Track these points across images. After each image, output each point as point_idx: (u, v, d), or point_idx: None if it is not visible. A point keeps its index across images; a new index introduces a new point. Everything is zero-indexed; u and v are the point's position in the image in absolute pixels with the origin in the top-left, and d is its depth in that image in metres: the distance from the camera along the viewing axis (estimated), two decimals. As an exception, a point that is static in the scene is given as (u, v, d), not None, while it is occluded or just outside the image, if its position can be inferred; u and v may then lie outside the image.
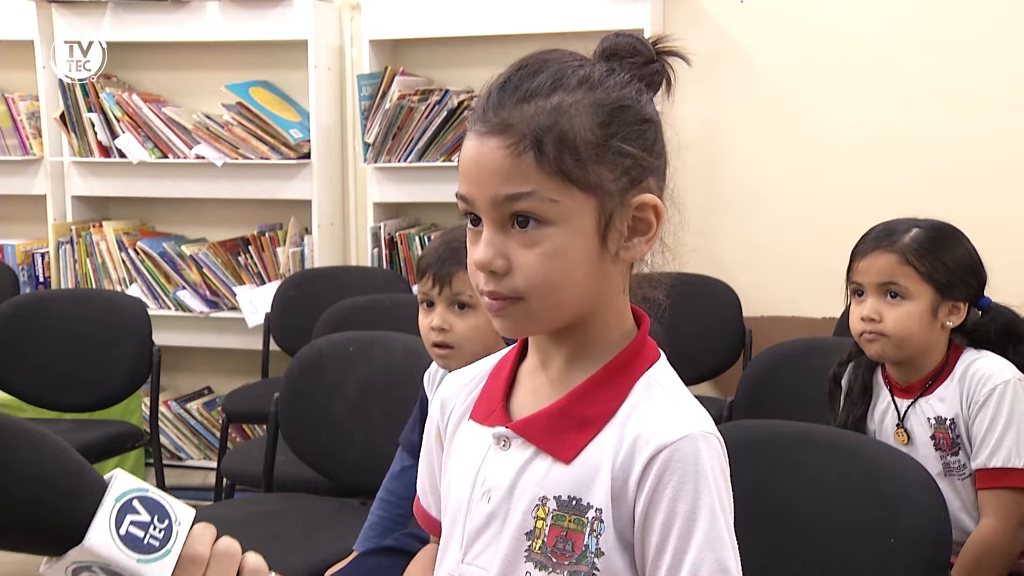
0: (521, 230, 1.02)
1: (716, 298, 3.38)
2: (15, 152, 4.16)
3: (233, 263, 4.01)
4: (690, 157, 3.69)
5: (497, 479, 1.09)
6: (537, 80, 1.03)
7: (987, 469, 1.89)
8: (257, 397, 3.28)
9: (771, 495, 1.69)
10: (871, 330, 1.95)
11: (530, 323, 1.06)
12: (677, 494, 1.01)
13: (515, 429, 1.09)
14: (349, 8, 4.03)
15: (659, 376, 1.09)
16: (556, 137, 1.00)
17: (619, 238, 1.05)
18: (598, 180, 1.02)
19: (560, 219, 1.01)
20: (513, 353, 1.16)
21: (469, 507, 1.10)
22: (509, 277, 1.02)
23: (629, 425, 1.05)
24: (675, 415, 1.06)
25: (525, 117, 1.01)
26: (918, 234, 1.95)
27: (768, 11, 3.63)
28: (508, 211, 1.02)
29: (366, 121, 3.77)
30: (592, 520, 1.04)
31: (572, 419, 1.07)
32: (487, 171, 1.02)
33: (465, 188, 1.05)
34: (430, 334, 1.90)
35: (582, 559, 1.04)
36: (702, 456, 1.03)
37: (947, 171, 3.47)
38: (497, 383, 1.15)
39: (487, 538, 1.09)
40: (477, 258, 1.04)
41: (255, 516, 2.47)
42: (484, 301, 1.06)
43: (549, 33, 3.53)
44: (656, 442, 1.03)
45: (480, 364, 1.21)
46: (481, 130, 1.03)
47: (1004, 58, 3.43)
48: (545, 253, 1.01)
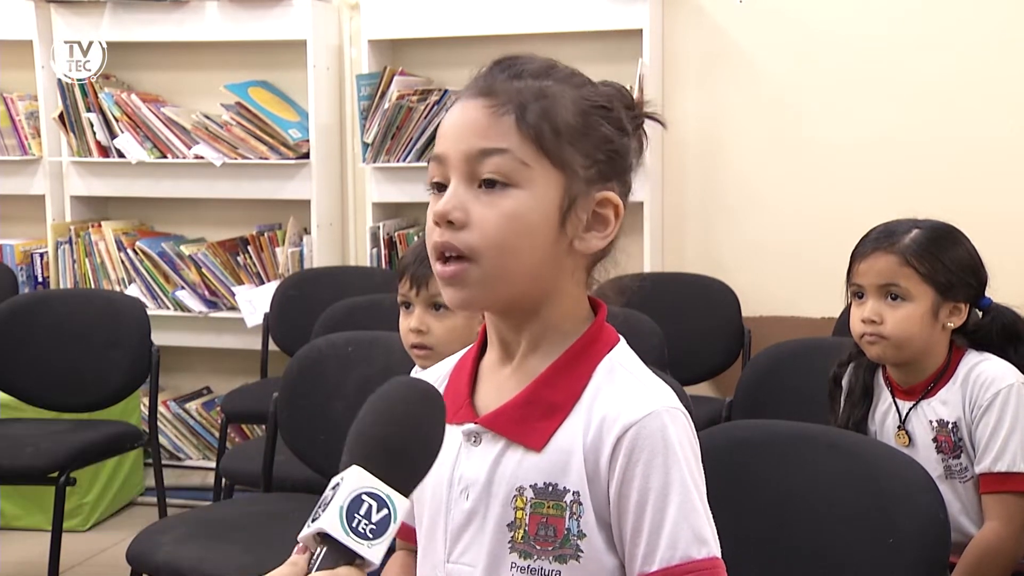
0: (487, 190, 1.04)
1: (715, 298, 3.38)
2: (14, 152, 4.16)
3: (232, 263, 4.00)
4: (689, 156, 3.71)
5: (473, 475, 1.10)
6: (531, 65, 1.08)
7: (991, 473, 1.89)
8: (256, 397, 3.27)
9: (770, 495, 1.69)
10: (872, 332, 1.94)
11: (481, 291, 1.06)
12: (648, 470, 1.04)
13: (484, 423, 1.10)
14: (348, 8, 4.03)
15: (620, 358, 1.11)
16: (540, 109, 1.05)
17: (577, 225, 1.07)
18: (570, 160, 1.06)
19: (527, 184, 1.04)
20: (473, 350, 1.18)
21: (448, 506, 1.11)
22: (465, 231, 1.04)
23: (595, 407, 1.07)
24: (639, 393, 1.08)
25: (513, 88, 1.06)
26: (918, 235, 1.95)
27: (767, 11, 3.63)
28: (479, 168, 1.04)
29: (365, 121, 3.77)
30: (571, 504, 1.06)
31: (538, 407, 1.08)
32: (466, 127, 1.06)
33: (440, 147, 1.07)
34: (408, 336, 1.93)
35: (565, 543, 1.06)
36: (668, 431, 1.05)
37: (947, 170, 3.47)
38: (460, 381, 1.16)
39: (470, 535, 1.10)
40: (438, 209, 1.05)
41: (254, 516, 2.47)
42: (435, 269, 1.07)
43: (549, 33, 3.53)
44: (623, 421, 1.05)
45: (442, 364, 1.23)
46: (466, 95, 1.07)
47: (1003, 58, 3.43)
48: (505, 213, 1.04)
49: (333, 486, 0.91)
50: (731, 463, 1.66)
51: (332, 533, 0.88)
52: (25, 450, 2.96)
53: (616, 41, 3.60)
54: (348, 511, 0.89)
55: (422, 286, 1.91)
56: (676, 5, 3.68)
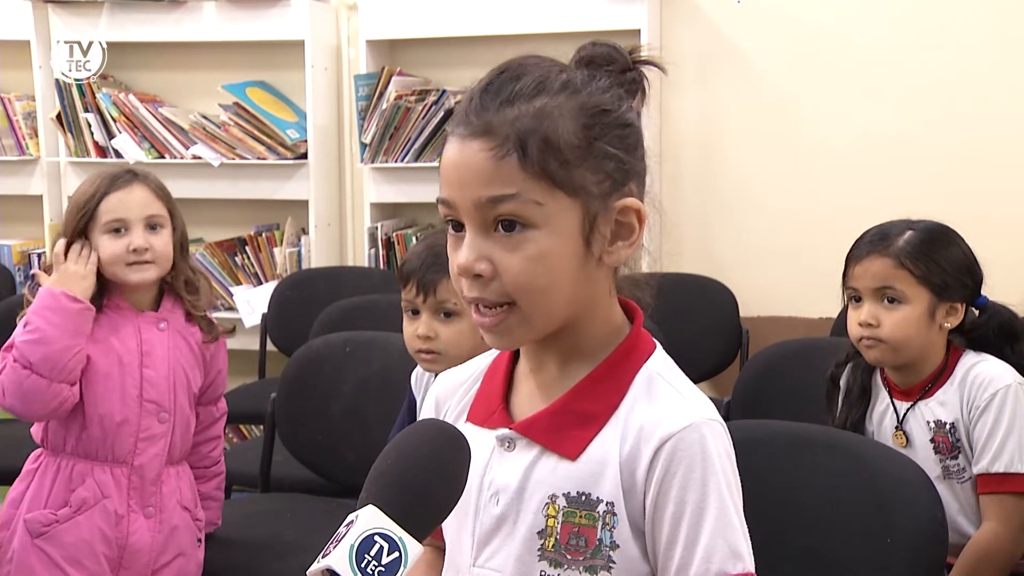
0: (506, 234, 1.01)
1: (713, 298, 3.38)
2: (11, 152, 4.15)
3: (230, 263, 4.00)
4: (687, 157, 3.71)
5: (505, 481, 1.09)
6: (520, 84, 1.03)
7: (989, 474, 1.89)
8: (254, 397, 3.27)
9: (768, 495, 1.69)
10: (869, 335, 1.94)
11: (524, 332, 1.05)
12: (685, 483, 1.02)
13: (519, 430, 1.09)
14: (346, 8, 4.02)
15: (658, 367, 1.10)
16: (540, 139, 1.00)
17: (603, 242, 1.05)
18: (582, 183, 1.02)
19: (544, 222, 1.01)
20: (507, 354, 1.16)
21: (477, 511, 1.10)
22: (496, 282, 1.02)
23: (632, 417, 1.06)
24: (677, 404, 1.06)
25: (508, 120, 1.01)
26: (912, 237, 1.95)
27: (765, 11, 3.63)
28: (491, 215, 1.01)
29: (363, 121, 3.77)
30: (604, 514, 1.04)
31: (574, 416, 1.07)
32: (469, 174, 1.02)
33: (447, 192, 1.04)
34: (415, 341, 1.90)
35: (596, 553, 1.05)
36: (707, 443, 1.03)
37: (944, 171, 3.47)
38: (493, 385, 1.14)
39: (499, 540, 1.09)
40: (460, 262, 1.03)
41: (252, 516, 2.48)
42: (475, 319, 1.05)
43: (546, 34, 3.52)
44: (661, 432, 1.03)
45: (473, 363, 1.21)
46: (463, 133, 1.03)
47: (1002, 59, 3.43)
48: (530, 257, 1.01)
49: (347, 523, 0.90)
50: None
51: (339, 572, 0.87)
52: (26, 451, 2.94)
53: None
54: (358, 551, 0.88)
55: (430, 293, 1.87)
56: (674, 5, 3.68)
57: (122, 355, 2.07)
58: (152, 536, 2.08)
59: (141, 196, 2.09)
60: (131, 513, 2.06)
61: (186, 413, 2.15)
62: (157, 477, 2.09)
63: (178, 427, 2.13)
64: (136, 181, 2.09)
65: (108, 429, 2.04)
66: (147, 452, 2.07)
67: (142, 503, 2.07)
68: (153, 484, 2.08)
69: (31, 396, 1.97)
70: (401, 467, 0.94)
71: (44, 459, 2.10)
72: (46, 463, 2.09)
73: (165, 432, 2.10)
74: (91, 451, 2.05)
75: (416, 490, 0.93)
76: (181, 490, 2.14)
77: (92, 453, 2.05)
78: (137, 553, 2.06)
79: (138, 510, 2.07)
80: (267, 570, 2.26)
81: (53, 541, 2.02)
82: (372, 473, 0.94)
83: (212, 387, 2.25)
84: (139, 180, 2.10)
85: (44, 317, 1.98)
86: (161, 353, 2.11)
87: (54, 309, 1.99)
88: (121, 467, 2.06)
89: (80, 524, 2.03)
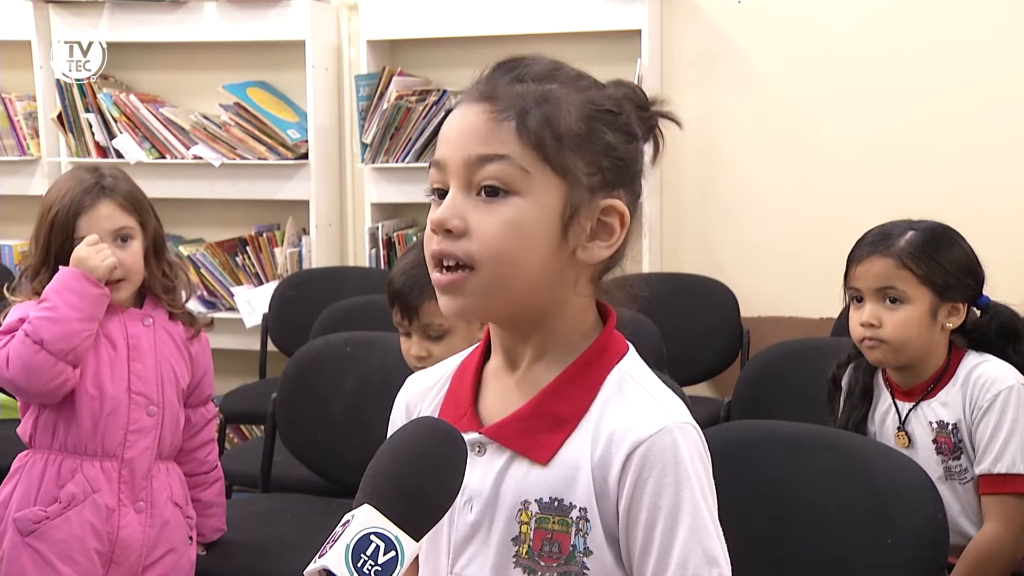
0: (487, 199, 1.02)
1: (713, 298, 3.38)
2: (12, 152, 4.15)
3: (231, 264, 4.00)
4: (687, 157, 3.71)
5: (477, 486, 1.07)
6: (534, 68, 1.05)
7: (991, 475, 1.89)
8: (255, 397, 3.27)
9: (768, 495, 1.69)
10: (871, 336, 1.94)
11: (479, 300, 1.03)
12: (658, 489, 1.01)
13: (488, 434, 1.07)
14: (347, 8, 4.02)
15: (629, 369, 1.08)
16: (542, 115, 1.02)
17: (580, 235, 1.04)
18: (573, 167, 1.03)
19: (527, 191, 1.01)
20: (476, 354, 1.14)
21: (452, 517, 1.08)
22: (465, 239, 1.01)
23: (604, 421, 1.05)
24: (649, 408, 1.05)
25: (515, 93, 1.03)
26: (913, 237, 1.94)
27: (766, 11, 3.63)
28: (478, 176, 1.02)
29: (364, 121, 3.77)
30: (577, 520, 1.03)
31: (545, 419, 1.06)
32: (466, 132, 1.03)
33: (441, 151, 1.05)
34: (411, 359, 1.96)
35: (570, 560, 1.03)
36: (680, 448, 1.02)
37: (945, 171, 3.47)
38: (463, 386, 1.13)
39: (474, 548, 1.08)
40: (435, 216, 1.03)
41: (253, 516, 2.48)
42: (434, 277, 1.04)
43: (547, 33, 3.52)
44: (632, 437, 1.02)
45: (443, 365, 1.20)
46: (467, 100, 1.04)
47: (1002, 59, 3.42)
48: (506, 220, 1.01)
49: (343, 523, 0.90)
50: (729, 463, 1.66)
51: (336, 571, 0.87)
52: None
53: (614, 41, 3.60)
54: (355, 550, 0.87)
55: (414, 317, 1.93)
56: (674, 5, 3.68)
57: (110, 348, 2.08)
58: (143, 531, 2.07)
59: (107, 212, 2.07)
60: (121, 507, 2.06)
61: (175, 407, 2.15)
62: (147, 471, 2.09)
63: (167, 421, 2.13)
64: (102, 197, 2.07)
65: (98, 420, 2.04)
66: (137, 445, 2.07)
67: (132, 497, 2.07)
68: (144, 478, 2.08)
69: (36, 372, 1.97)
70: (397, 466, 0.93)
71: (31, 457, 2.09)
72: (33, 460, 2.08)
73: (154, 425, 2.10)
74: (80, 445, 2.05)
75: (412, 489, 0.92)
76: (171, 486, 2.14)
77: (82, 447, 2.05)
78: (128, 548, 2.06)
79: (128, 504, 2.07)
80: (268, 570, 2.26)
81: (44, 538, 2.02)
82: (368, 472, 0.94)
83: (199, 388, 2.26)
84: (105, 195, 2.07)
85: (63, 297, 1.99)
86: (147, 347, 2.12)
87: (74, 291, 1.99)
88: (111, 460, 2.05)
89: (71, 520, 2.02)
